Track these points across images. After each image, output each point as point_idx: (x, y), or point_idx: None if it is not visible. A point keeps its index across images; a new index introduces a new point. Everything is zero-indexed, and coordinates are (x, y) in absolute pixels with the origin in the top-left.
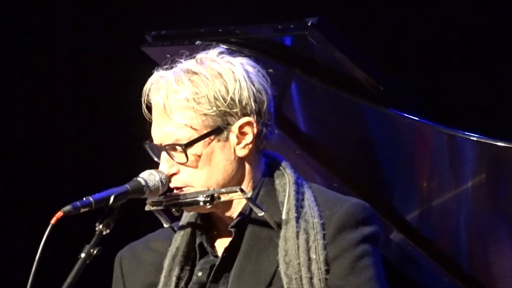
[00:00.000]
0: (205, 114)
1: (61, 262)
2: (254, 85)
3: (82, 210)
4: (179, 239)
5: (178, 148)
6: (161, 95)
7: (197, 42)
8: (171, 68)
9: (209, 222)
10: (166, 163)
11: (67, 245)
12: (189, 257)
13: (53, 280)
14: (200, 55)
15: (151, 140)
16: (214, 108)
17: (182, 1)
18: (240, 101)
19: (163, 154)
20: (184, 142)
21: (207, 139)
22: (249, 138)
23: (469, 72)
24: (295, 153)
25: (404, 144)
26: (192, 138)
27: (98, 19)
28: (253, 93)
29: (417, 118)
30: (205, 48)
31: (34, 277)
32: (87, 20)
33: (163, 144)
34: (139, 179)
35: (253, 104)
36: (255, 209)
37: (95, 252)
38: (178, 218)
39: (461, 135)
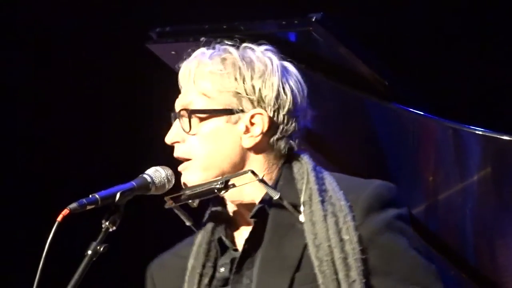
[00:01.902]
0: (224, 91)
1: (67, 260)
2: (282, 86)
3: (88, 207)
4: (200, 237)
5: (190, 112)
6: (192, 63)
7: (202, 39)
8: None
9: (228, 218)
10: (175, 129)
11: (73, 242)
12: (211, 254)
13: (60, 278)
14: (248, 44)
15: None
16: (233, 88)
17: None
18: (259, 93)
19: (177, 120)
20: (197, 108)
21: (218, 115)
22: (257, 130)
23: (474, 65)
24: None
25: (409, 138)
26: (205, 107)
27: (102, 15)
28: (278, 91)
29: (422, 113)
30: (210, 44)
31: (41, 275)
32: (91, 17)
33: (180, 106)
34: (145, 175)
35: (272, 100)
36: (270, 192)
37: (101, 249)
38: (200, 219)
39: (466, 129)
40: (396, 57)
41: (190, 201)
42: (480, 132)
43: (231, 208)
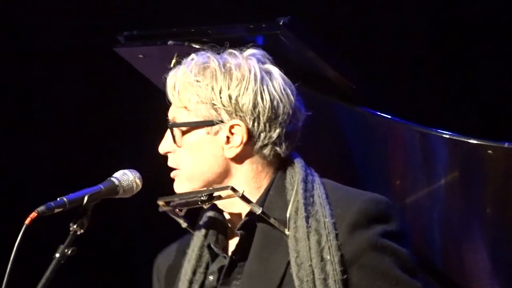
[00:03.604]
0: (203, 103)
1: (35, 263)
2: (263, 93)
3: (56, 210)
4: (194, 241)
5: (174, 126)
6: (177, 73)
7: (169, 42)
8: (206, 53)
9: (223, 224)
10: (166, 140)
11: (41, 245)
12: (203, 259)
13: (27, 280)
14: (235, 50)
15: None
16: (209, 100)
17: (154, 1)
18: (237, 102)
19: (168, 130)
20: (179, 122)
21: (198, 127)
22: (237, 140)
23: (441, 69)
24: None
25: (377, 142)
26: (185, 121)
27: (70, 19)
28: (255, 99)
29: (389, 117)
30: (177, 48)
31: (9, 278)
32: (59, 20)
33: (168, 119)
34: (112, 179)
35: (251, 109)
36: (252, 208)
37: (69, 252)
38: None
39: (433, 133)
40: (363, 60)
41: (177, 210)
42: (448, 136)
43: (226, 215)
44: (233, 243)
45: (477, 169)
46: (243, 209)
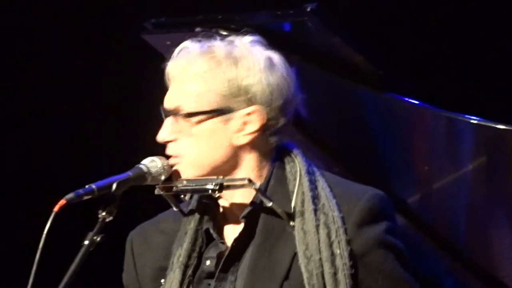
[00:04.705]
0: (212, 92)
1: (64, 250)
2: (271, 80)
3: (85, 197)
4: (187, 224)
5: (180, 115)
6: (180, 62)
7: (197, 29)
8: (203, 41)
9: (218, 208)
10: (167, 128)
11: (70, 233)
12: (196, 244)
13: (56, 268)
14: (234, 38)
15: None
16: (219, 89)
17: None
18: (248, 90)
19: (168, 118)
20: (187, 111)
21: (208, 116)
22: (250, 127)
23: (468, 54)
24: (295, 139)
25: (403, 128)
26: (194, 110)
27: (98, 6)
28: (268, 87)
29: (416, 102)
30: (205, 35)
31: (38, 265)
32: (86, 7)
33: (170, 108)
34: (141, 166)
35: (263, 97)
36: (264, 200)
37: (98, 239)
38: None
39: (460, 118)
40: (390, 47)
41: (182, 196)
42: (475, 121)
43: (222, 202)
44: (228, 230)
45: (504, 155)
46: (244, 198)
